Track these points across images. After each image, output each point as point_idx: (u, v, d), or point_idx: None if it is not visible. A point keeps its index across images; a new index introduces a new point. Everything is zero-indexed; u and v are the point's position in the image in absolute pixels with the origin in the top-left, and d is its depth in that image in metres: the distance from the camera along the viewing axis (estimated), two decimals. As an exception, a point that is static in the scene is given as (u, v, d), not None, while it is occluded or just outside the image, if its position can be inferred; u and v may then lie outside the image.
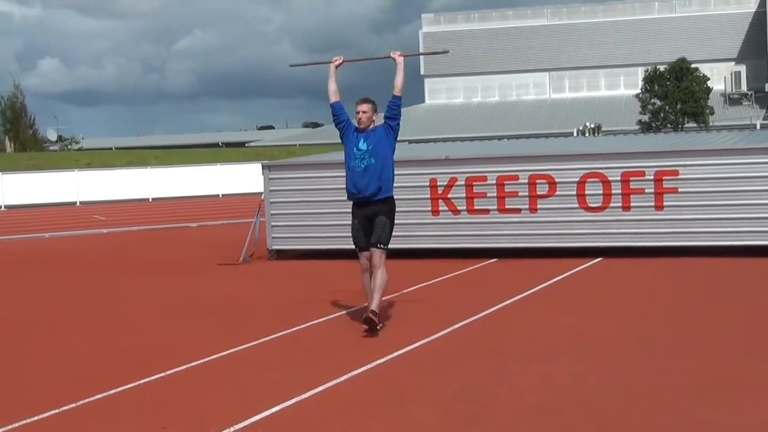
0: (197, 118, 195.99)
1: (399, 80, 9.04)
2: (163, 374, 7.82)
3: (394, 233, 15.00)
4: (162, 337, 9.74)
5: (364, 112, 8.81)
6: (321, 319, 9.89)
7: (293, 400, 6.78)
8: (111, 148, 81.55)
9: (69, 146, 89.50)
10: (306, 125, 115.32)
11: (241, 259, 15.70)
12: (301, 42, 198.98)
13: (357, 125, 8.93)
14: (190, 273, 14.98)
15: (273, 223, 15.86)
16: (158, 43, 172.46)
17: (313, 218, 15.51)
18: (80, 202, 38.78)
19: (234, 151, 66.69)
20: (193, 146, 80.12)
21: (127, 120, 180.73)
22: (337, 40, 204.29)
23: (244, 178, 36.29)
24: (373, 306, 8.73)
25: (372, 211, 8.97)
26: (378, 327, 8.73)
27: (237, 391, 7.22)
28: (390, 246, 14.73)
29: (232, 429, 6.13)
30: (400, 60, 9.10)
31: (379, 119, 9.20)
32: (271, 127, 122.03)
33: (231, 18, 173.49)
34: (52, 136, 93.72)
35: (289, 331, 9.45)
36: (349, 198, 9.09)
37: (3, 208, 35.56)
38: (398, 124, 8.99)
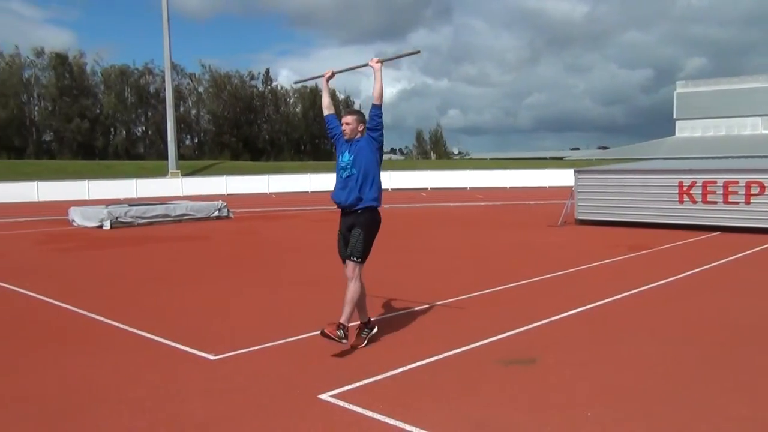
0: (535, 143, 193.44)
1: (377, 87, 5.19)
2: (516, 284, 7.87)
3: (654, 212, 13.98)
4: (508, 264, 9.77)
5: (347, 123, 5.22)
6: (599, 263, 9.44)
7: (604, 300, 6.58)
8: (486, 159, 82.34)
9: (464, 157, 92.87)
10: (599, 147, 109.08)
11: (559, 222, 15.30)
12: (596, 98, 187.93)
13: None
14: (531, 228, 14.86)
15: (579, 203, 15.25)
16: (514, 99, 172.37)
17: (602, 201, 14.71)
18: (469, 188, 39.64)
19: (556, 162, 64.67)
20: (530, 159, 79.12)
21: (496, 144, 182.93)
22: (617, 97, 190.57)
23: (562, 177, 35.23)
24: (342, 319, 4.96)
25: (350, 222, 5.19)
26: (343, 339, 4.88)
27: (562, 291, 7.16)
28: (650, 220, 13.80)
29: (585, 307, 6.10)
30: (377, 66, 5.28)
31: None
32: (577, 148, 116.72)
33: (553, 86, 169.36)
34: (455, 151, 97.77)
35: (579, 268, 9.15)
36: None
37: (429, 192, 37.18)
38: (381, 135, 5.19)
